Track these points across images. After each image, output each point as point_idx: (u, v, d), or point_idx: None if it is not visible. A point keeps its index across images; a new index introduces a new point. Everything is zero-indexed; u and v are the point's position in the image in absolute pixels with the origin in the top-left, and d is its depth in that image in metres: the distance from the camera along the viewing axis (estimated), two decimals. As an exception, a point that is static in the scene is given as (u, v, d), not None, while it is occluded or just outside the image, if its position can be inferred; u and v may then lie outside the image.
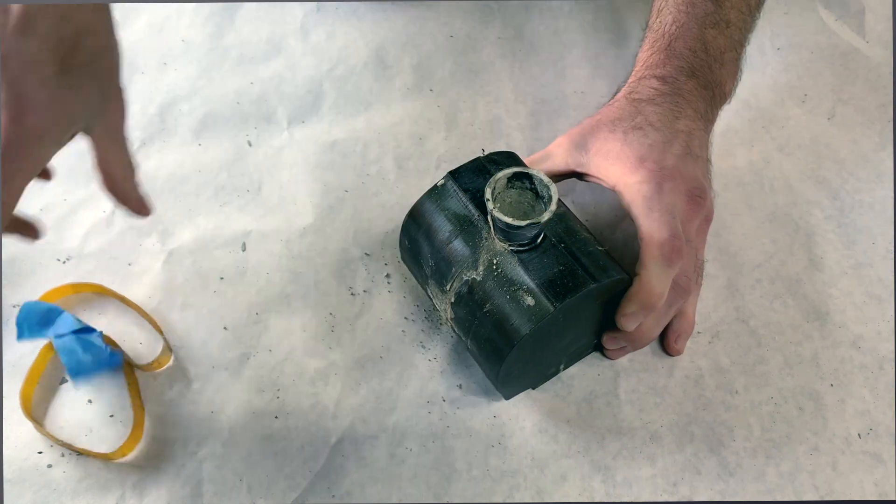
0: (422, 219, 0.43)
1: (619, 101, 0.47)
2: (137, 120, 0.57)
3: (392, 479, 0.43)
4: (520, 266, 0.39)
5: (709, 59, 0.48)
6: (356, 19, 0.63)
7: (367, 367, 0.46)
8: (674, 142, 0.44)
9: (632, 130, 0.45)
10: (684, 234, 0.42)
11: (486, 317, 0.40)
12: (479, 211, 0.41)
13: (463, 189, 0.42)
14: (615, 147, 0.45)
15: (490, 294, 0.40)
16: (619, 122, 0.46)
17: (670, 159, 0.43)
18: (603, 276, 0.39)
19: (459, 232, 0.41)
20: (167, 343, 0.46)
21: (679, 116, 0.46)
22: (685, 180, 0.43)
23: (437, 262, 0.42)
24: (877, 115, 0.58)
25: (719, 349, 0.47)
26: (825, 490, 0.43)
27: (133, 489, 0.42)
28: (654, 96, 0.46)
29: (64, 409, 0.45)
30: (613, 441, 0.44)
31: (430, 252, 0.43)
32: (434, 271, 0.42)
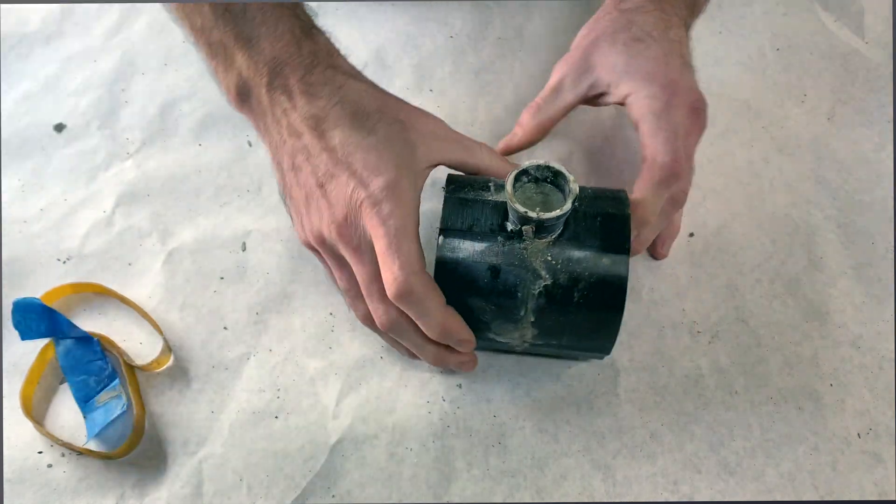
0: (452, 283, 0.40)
1: (608, 11, 0.48)
2: (137, 120, 0.57)
3: (392, 479, 0.43)
4: (572, 246, 0.39)
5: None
6: (356, 19, 0.62)
7: (367, 367, 0.46)
8: (672, 53, 0.45)
9: (632, 42, 0.45)
10: (686, 149, 0.43)
11: (581, 301, 0.39)
12: (496, 236, 0.39)
13: (462, 231, 0.40)
14: (620, 60, 0.45)
15: (571, 281, 0.39)
16: (616, 34, 0.46)
17: (674, 72, 0.44)
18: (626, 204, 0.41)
19: (499, 264, 0.39)
20: (167, 343, 0.46)
21: (669, 25, 0.46)
22: (688, 94, 0.44)
23: (496, 304, 0.40)
24: (876, 115, 0.58)
25: (719, 349, 0.47)
26: (825, 490, 0.43)
27: (133, 489, 0.42)
28: (642, 4, 0.47)
29: (64, 409, 0.45)
30: (613, 440, 0.44)
31: (482, 301, 0.40)
32: (496, 313, 0.40)
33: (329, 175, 0.39)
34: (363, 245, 0.39)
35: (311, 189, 0.39)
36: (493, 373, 0.46)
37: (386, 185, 0.38)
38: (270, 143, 0.42)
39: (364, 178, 0.38)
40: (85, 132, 0.56)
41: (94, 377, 0.45)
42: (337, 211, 0.38)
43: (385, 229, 0.37)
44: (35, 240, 0.51)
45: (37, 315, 0.45)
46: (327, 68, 0.40)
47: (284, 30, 0.39)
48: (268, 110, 0.40)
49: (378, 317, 0.40)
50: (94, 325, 0.47)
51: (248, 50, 0.39)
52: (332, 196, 0.38)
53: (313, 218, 0.40)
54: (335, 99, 0.39)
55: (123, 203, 0.53)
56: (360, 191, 0.38)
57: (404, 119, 0.40)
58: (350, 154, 0.38)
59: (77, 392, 0.44)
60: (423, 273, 0.38)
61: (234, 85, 0.40)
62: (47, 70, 0.59)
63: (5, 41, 0.61)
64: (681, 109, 0.44)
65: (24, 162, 0.54)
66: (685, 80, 0.45)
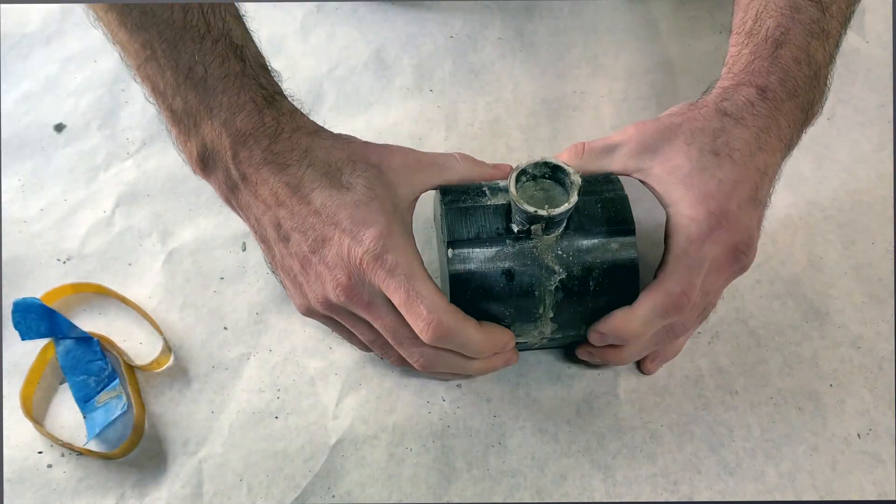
0: (469, 294, 0.40)
1: (707, 106, 0.42)
2: (138, 120, 0.57)
3: (392, 479, 0.43)
4: (579, 237, 0.39)
5: (810, 75, 0.42)
6: (356, 19, 0.62)
7: (367, 367, 0.46)
8: (744, 183, 0.40)
9: (709, 154, 0.41)
10: (706, 286, 0.40)
11: (597, 289, 0.40)
12: (503, 239, 0.39)
13: (470, 240, 0.39)
14: (685, 165, 0.41)
15: (585, 272, 0.39)
16: (698, 135, 0.41)
17: (734, 205, 0.40)
18: (619, 184, 0.41)
19: (512, 267, 0.39)
20: (167, 343, 0.46)
21: (762, 147, 0.41)
22: (736, 232, 0.40)
23: (515, 306, 0.40)
24: (876, 115, 0.58)
25: (719, 349, 0.47)
26: (825, 490, 0.43)
27: (133, 489, 0.42)
28: (745, 114, 0.41)
29: (64, 409, 0.45)
30: (613, 440, 0.44)
31: (502, 307, 0.40)
32: (516, 315, 0.40)
33: (321, 239, 0.38)
34: (376, 300, 0.38)
35: (304, 257, 0.39)
36: (493, 373, 0.46)
37: (380, 235, 0.37)
38: (249, 218, 0.41)
39: (357, 234, 0.37)
40: (85, 132, 0.56)
41: (94, 377, 0.45)
42: (338, 274, 0.38)
43: (397, 281, 0.37)
44: (35, 240, 0.51)
45: (37, 315, 0.45)
46: (293, 132, 0.39)
47: (246, 99, 0.38)
48: (240, 184, 0.39)
49: (415, 361, 0.40)
50: (94, 325, 0.47)
51: (210, 120, 0.38)
52: (329, 260, 0.38)
53: (314, 286, 0.39)
54: (305, 163, 0.39)
55: (123, 203, 0.53)
56: (356, 248, 0.37)
57: (376, 162, 0.40)
58: (335, 214, 0.38)
59: (77, 392, 0.44)
60: (449, 308, 0.38)
61: (197, 153, 0.39)
62: (47, 70, 0.59)
63: (5, 41, 0.61)
64: (720, 245, 0.39)
65: (24, 162, 0.54)
66: (742, 218, 0.40)
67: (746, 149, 0.41)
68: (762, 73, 0.42)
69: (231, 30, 0.39)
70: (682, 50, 0.62)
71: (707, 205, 0.39)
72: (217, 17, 0.38)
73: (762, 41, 0.43)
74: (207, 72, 0.37)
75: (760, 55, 0.42)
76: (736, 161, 0.40)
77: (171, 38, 0.37)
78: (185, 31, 0.37)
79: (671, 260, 0.39)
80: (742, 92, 0.42)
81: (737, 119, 0.41)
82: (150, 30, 0.37)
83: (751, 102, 0.41)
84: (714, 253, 0.39)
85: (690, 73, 0.60)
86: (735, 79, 0.43)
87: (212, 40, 0.38)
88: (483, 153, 0.55)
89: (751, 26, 0.44)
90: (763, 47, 0.42)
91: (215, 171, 0.40)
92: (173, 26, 0.37)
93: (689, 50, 0.61)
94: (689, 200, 0.40)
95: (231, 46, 0.38)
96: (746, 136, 0.41)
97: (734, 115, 0.41)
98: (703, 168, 0.40)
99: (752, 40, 0.43)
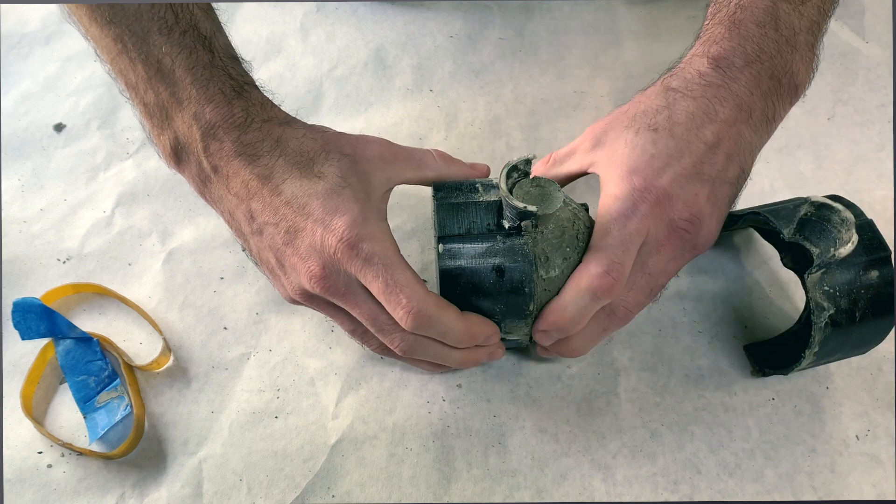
0: (459, 290, 0.39)
1: (654, 88, 0.42)
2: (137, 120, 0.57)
3: (392, 479, 0.43)
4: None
5: (779, 40, 0.40)
6: (356, 19, 0.62)
7: (367, 367, 0.46)
8: (683, 156, 0.38)
9: (645, 131, 0.39)
10: (650, 266, 0.39)
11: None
12: (494, 236, 0.39)
13: (461, 236, 0.39)
14: (620, 148, 0.40)
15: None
16: (640, 116, 0.40)
17: (665, 178, 0.38)
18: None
19: (503, 263, 0.38)
20: (167, 343, 0.46)
21: (713, 119, 0.39)
22: (673, 207, 0.38)
23: (505, 303, 0.39)
24: (876, 115, 0.58)
25: (719, 349, 0.47)
26: (823, 491, 0.43)
27: (133, 489, 0.42)
28: (694, 86, 0.40)
29: (64, 409, 0.45)
30: (614, 440, 0.44)
31: (492, 303, 0.39)
32: (506, 312, 0.40)
33: (293, 230, 0.37)
34: (353, 289, 0.38)
35: (278, 249, 0.38)
36: (493, 373, 0.46)
37: (353, 223, 0.36)
38: (223, 211, 0.40)
39: (329, 223, 0.36)
40: (85, 132, 0.56)
41: (94, 377, 0.45)
42: (312, 264, 0.37)
43: (374, 270, 0.36)
44: (35, 240, 0.51)
45: (37, 315, 0.45)
46: (264, 123, 0.38)
47: (215, 91, 0.38)
48: (211, 176, 0.39)
49: (396, 347, 0.39)
50: (94, 325, 0.47)
51: (181, 112, 0.38)
52: (303, 250, 0.37)
53: (291, 277, 0.39)
54: (276, 153, 0.38)
55: (123, 203, 0.53)
56: (329, 237, 0.36)
57: (350, 152, 0.39)
58: (306, 204, 0.37)
59: (77, 392, 0.44)
60: (429, 296, 0.37)
61: (170, 146, 0.39)
62: (47, 70, 0.59)
63: (5, 41, 0.61)
64: (652, 220, 0.38)
65: (24, 162, 0.54)
66: (678, 191, 0.38)
67: (691, 121, 0.39)
68: (717, 39, 0.40)
69: (199, 21, 0.38)
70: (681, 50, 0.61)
71: (631, 181, 0.38)
72: (185, 10, 0.37)
73: (723, 5, 0.41)
74: (175, 63, 0.37)
75: (721, 21, 0.41)
76: (675, 135, 0.39)
77: (140, 32, 0.37)
78: (152, 24, 0.37)
79: (594, 240, 0.39)
80: (694, 64, 0.41)
81: (683, 93, 0.40)
82: (119, 23, 0.37)
83: (700, 73, 0.40)
84: (646, 230, 0.38)
85: (690, 73, 0.60)
86: (691, 51, 0.42)
87: (179, 32, 0.37)
88: (483, 153, 0.55)
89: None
90: (723, 13, 0.41)
91: (188, 164, 0.39)
92: (141, 19, 0.37)
93: (689, 50, 0.61)
94: (615, 179, 0.39)
95: (199, 38, 0.38)
96: (692, 108, 0.39)
97: (681, 90, 0.40)
98: (636, 146, 0.39)
99: (719, 8, 0.42)
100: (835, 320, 0.39)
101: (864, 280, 0.39)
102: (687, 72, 0.41)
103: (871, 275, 0.39)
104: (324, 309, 0.41)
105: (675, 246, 0.39)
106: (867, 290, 0.39)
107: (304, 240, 0.37)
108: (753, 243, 0.52)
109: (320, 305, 0.40)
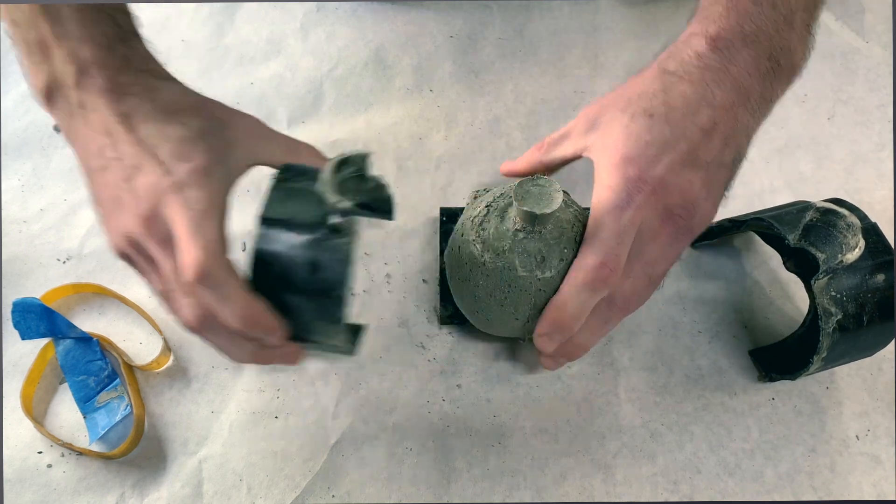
0: (267, 277, 0.36)
1: (650, 70, 0.41)
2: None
3: (392, 479, 0.43)
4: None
5: (777, 18, 0.39)
6: (356, 19, 0.62)
7: (367, 367, 0.46)
8: (678, 143, 0.38)
9: (640, 116, 0.39)
10: (645, 255, 0.39)
11: None
12: (319, 229, 0.36)
13: (284, 222, 0.36)
14: (615, 132, 0.39)
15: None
16: (636, 100, 0.40)
17: (660, 167, 0.38)
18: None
19: (320, 258, 0.35)
20: (167, 343, 0.46)
21: (709, 103, 0.38)
22: (667, 195, 0.38)
23: (316, 304, 0.36)
24: (876, 115, 0.58)
25: (718, 349, 0.47)
26: (823, 491, 0.43)
27: (133, 489, 0.42)
28: (692, 68, 0.39)
29: (64, 409, 0.45)
30: (613, 440, 0.44)
31: (302, 300, 0.36)
32: (315, 312, 0.37)
33: (135, 167, 0.35)
34: (171, 240, 0.35)
35: (117, 185, 0.36)
36: (493, 373, 0.46)
37: (193, 171, 0.35)
38: (78, 146, 0.38)
39: (170, 166, 0.35)
40: (85, 132, 0.56)
41: (94, 377, 0.45)
42: (142, 204, 0.35)
43: (187, 213, 0.34)
44: (35, 240, 0.51)
45: (36, 315, 0.45)
46: (140, 72, 0.37)
47: (98, 33, 0.37)
48: (76, 111, 0.37)
49: (184, 314, 0.36)
50: (94, 326, 0.47)
51: (60, 49, 0.37)
52: (139, 189, 0.35)
53: (121, 217, 0.36)
54: (147, 97, 0.37)
55: (123, 203, 0.53)
56: (165, 178, 0.35)
57: (223, 117, 0.38)
58: (158, 145, 0.35)
59: (76, 392, 0.44)
60: (223, 257, 0.35)
61: (44, 83, 0.38)
62: (47, 70, 0.59)
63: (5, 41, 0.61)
64: (647, 209, 0.38)
65: (24, 162, 0.54)
66: (673, 180, 0.38)
67: (686, 106, 0.38)
68: (715, 18, 0.39)
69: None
70: (682, 50, 0.61)
71: (625, 171, 0.38)
72: None
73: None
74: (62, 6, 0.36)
75: (718, 0, 0.40)
76: (671, 120, 0.38)
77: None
78: None
79: (589, 232, 0.38)
80: (691, 44, 0.40)
81: (680, 76, 0.39)
82: None
83: (698, 55, 0.39)
84: (641, 219, 0.38)
85: (690, 73, 0.60)
86: (690, 29, 0.41)
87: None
88: (483, 153, 0.55)
89: None
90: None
91: (58, 101, 0.38)
92: None
93: (689, 50, 0.61)
94: (609, 168, 0.38)
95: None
96: (688, 92, 0.39)
97: (677, 73, 0.39)
98: (631, 133, 0.39)
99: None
100: (842, 325, 0.39)
101: (871, 284, 0.39)
102: (684, 53, 0.40)
103: (878, 278, 0.39)
104: (141, 262, 0.37)
105: (671, 232, 0.39)
106: (874, 294, 0.39)
107: (143, 179, 0.35)
108: (754, 245, 0.52)
109: (139, 259, 0.37)
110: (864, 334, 0.40)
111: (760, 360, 0.46)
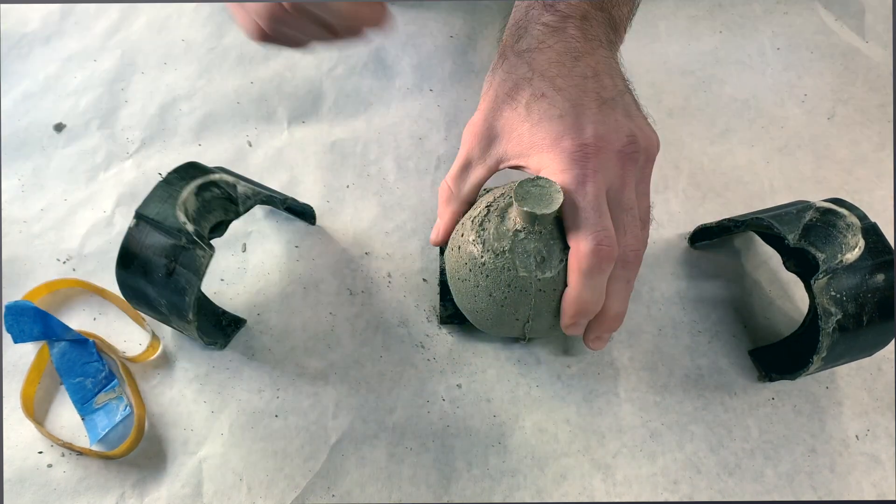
0: (131, 266, 0.40)
1: (506, 62, 0.42)
2: (137, 120, 0.57)
3: (392, 479, 0.43)
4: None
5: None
6: (356, 19, 0.62)
7: (367, 367, 0.46)
8: (584, 99, 0.39)
9: (534, 101, 0.39)
10: (626, 201, 0.39)
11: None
12: (181, 236, 0.40)
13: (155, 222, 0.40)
14: (523, 130, 0.40)
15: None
16: (515, 92, 0.40)
17: (588, 127, 0.38)
18: None
19: (173, 265, 0.39)
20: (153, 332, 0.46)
21: (579, 56, 0.40)
22: (608, 142, 0.38)
23: (169, 302, 0.40)
24: (877, 115, 0.58)
25: (719, 349, 0.47)
26: (823, 491, 0.43)
27: (133, 489, 0.42)
28: (546, 38, 0.41)
29: (64, 409, 0.45)
30: (613, 440, 0.44)
31: (159, 297, 0.41)
32: (169, 309, 0.41)
33: None
34: None
35: None
36: (493, 373, 0.46)
37: None
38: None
39: None
40: (85, 132, 0.56)
41: (91, 379, 0.44)
42: None
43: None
44: (35, 240, 0.51)
45: (30, 318, 0.44)
46: None
47: None
48: None
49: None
50: (93, 326, 0.47)
51: None
52: None
53: None
54: None
55: (123, 203, 0.53)
56: None
57: None
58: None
59: (74, 394, 0.44)
60: None
61: None
62: (47, 70, 0.59)
63: (5, 41, 0.61)
64: (603, 165, 0.38)
65: (24, 162, 0.54)
66: (604, 129, 0.39)
67: (563, 68, 0.40)
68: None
69: None
70: (681, 50, 0.62)
71: (562, 148, 0.38)
72: None
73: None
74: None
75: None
76: (560, 87, 0.39)
77: None
78: None
79: (567, 219, 0.38)
80: (534, 19, 0.42)
81: (539, 49, 0.41)
82: None
83: (545, 24, 0.41)
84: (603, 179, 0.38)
85: (691, 73, 0.60)
86: (523, 14, 0.43)
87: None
88: (483, 153, 0.55)
89: None
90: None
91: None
92: None
93: (689, 50, 0.61)
94: (547, 157, 0.39)
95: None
96: (555, 58, 0.40)
97: (534, 48, 0.41)
98: (539, 119, 0.39)
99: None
100: (842, 325, 0.39)
101: (871, 284, 0.39)
102: (533, 29, 0.41)
103: (878, 278, 0.39)
104: None
105: (632, 169, 0.39)
106: (874, 294, 0.39)
107: None
108: (753, 244, 0.52)
109: None
110: (863, 334, 0.40)
111: (760, 360, 0.46)
